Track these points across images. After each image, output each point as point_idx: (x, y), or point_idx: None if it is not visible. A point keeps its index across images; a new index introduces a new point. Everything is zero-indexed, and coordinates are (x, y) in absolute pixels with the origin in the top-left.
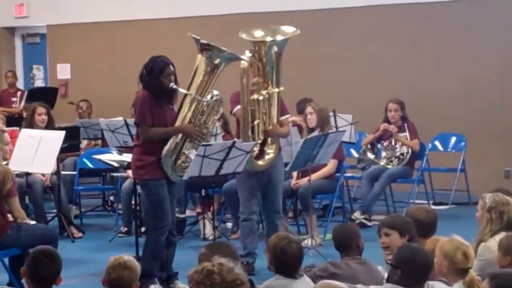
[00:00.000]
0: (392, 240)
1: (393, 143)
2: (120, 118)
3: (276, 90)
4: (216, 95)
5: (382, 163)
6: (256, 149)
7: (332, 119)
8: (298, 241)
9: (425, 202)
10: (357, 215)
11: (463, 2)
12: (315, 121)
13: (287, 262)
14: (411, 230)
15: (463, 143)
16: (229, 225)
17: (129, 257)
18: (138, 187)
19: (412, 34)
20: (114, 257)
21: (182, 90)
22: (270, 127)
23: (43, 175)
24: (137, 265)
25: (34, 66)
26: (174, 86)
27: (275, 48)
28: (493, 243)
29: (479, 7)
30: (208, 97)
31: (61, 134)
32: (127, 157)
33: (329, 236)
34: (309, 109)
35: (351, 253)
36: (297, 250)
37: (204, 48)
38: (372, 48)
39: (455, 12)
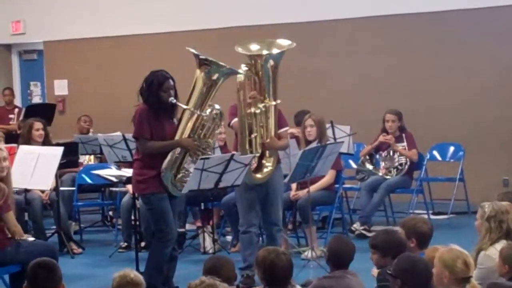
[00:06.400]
0: (376, 259)
1: (391, 154)
2: (118, 133)
3: (273, 103)
4: (217, 109)
5: (380, 174)
6: (255, 162)
7: (330, 131)
8: (287, 253)
9: (424, 212)
10: (356, 226)
11: (455, 12)
12: (315, 134)
13: (278, 275)
14: (394, 248)
15: (461, 153)
16: (229, 238)
17: (134, 273)
18: (138, 202)
19: (406, 45)
20: (119, 275)
21: (181, 105)
22: (268, 140)
23: (42, 191)
24: (142, 280)
25: (32, 83)
26: (174, 101)
27: (271, 62)
28: (493, 251)
29: (472, 17)
30: (208, 111)
31: (60, 150)
32: (126, 172)
33: None
34: (309, 121)
35: (344, 267)
36: (286, 261)
37: (203, 63)
38: (366, 59)
39: (448, 22)
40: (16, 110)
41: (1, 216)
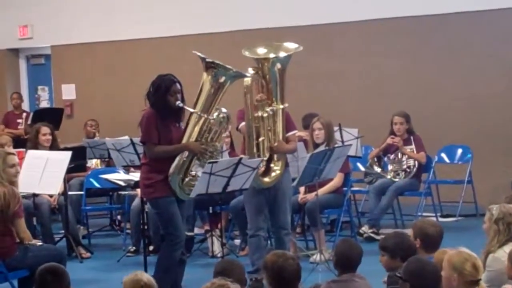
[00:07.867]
0: (385, 262)
1: (399, 156)
2: (126, 137)
3: (281, 106)
4: (224, 112)
5: (389, 177)
6: (263, 166)
7: (338, 133)
8: (295, 257)
9: (433, 214)
10: (365, 229)
11: (463, 15)
12: (322, 137)
13: (286, 280)
14: (403, 251)
15: (469, 155)
16: (237, 242)
17: (146, 276)
18: (146, 206)
19: (413, 48)
20: (131, 280)
21: (188, 109)
22: (276, 144)
23: (50, 196)
24: (155, 283)
25: (39, 87)
26: (181, 105)
27: (278, 65)
28: (502, 253)
29: (480, 19)
30: (215, 114)
31: (68, 154)
32: (134, 176)
33: None
34: (317, 124)
35: (352, 271)
36: (295, 266)
37: (210, 66)
38: (374, 62)
39: (456, 25)
40: (24, 114)
41: (14, 222)
